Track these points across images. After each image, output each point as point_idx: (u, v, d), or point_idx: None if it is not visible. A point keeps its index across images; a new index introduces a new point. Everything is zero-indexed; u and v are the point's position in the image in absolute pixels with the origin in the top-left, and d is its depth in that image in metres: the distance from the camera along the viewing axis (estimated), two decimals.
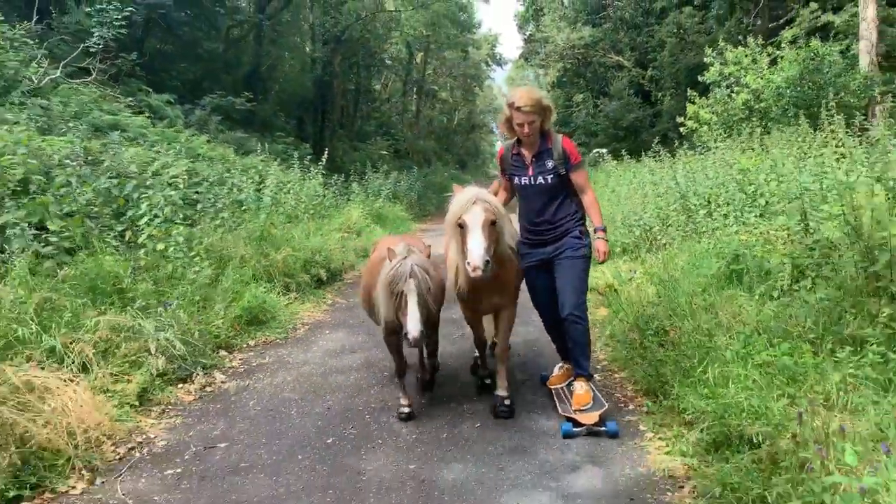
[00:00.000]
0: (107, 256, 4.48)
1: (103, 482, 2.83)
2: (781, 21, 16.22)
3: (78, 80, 10.53)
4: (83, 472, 2.85)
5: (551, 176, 3.35)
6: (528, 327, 4.93)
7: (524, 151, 3.42)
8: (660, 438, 3.13)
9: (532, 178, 3.39)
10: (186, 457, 3.07)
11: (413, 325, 3.03)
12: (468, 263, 2.99)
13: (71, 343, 3.56)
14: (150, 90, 12.46)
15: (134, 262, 4.78)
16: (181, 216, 5.59)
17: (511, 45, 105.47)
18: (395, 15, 20.58)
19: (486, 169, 52.94)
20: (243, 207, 7.59)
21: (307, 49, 19.18)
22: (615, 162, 11.46)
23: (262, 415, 3.58)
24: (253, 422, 3.48)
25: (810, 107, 9.73)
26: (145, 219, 5.30)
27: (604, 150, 16.64)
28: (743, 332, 3.58)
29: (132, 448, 3.15)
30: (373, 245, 4.50)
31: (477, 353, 4.06)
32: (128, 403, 3.47)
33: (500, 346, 3.61)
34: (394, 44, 26.02)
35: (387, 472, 2.87)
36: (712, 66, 12.05)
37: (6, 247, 4.52)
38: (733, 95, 11.20)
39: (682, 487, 2.68)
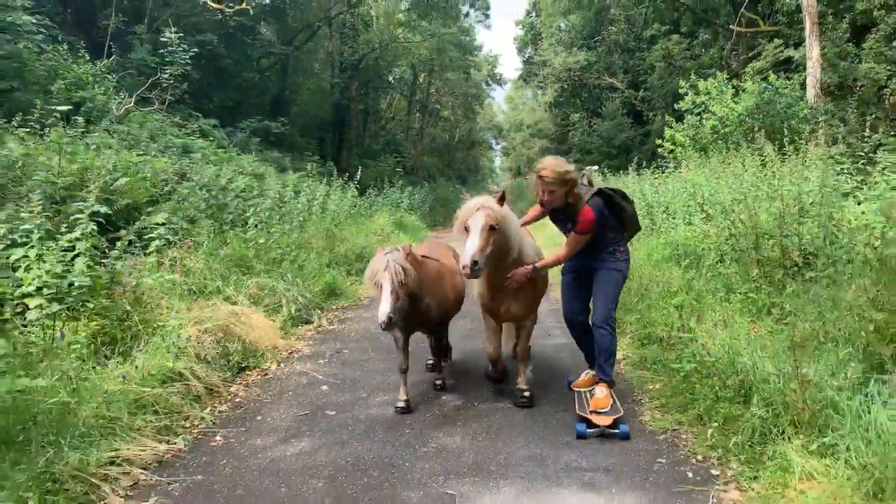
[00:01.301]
0: (241, 244, 6.63)
1: (285, 365, 4.96)
2: (752, 53, 18.59)
3: (146, 109, 12.72)
4: (272, 360, 4.99)
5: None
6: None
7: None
8: None
9: (563, 228, 3.89)
10: (327, 356, 5.21)
11: (382, 310, 3.49)
12: (461, 262, 3.43)
13: (236, 294, 5.69)
14: (200, 115, 14.68)
15: (251, 249, 6.92)
16: (276, 218, 7.74)
17: (510, 64, 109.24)
18: (404, 43, 22.87)
19: (485, 184, 55.39)
20: (300, 216, 9.72)
21: (326, 76, 21.48)
22: (601, 178, 13.66)
23: (362, 339, 5.72)
24: (358, 342, 5.62)
25: (772, 132, 11.96)
26: (252, 220, 7.46)
27: (594, 167, 18.89)
28: (668, 286, 5.76)
29: (291, 353, 5.29)
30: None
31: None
32: (277, 333, 5.60)
33: (521, 348, 4.08)
34: (400, 66, 28.41)
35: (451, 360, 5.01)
36: (686, 95, 14.32)
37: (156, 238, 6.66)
38: (703, 121, 13.45)
39: (619, 362, 4.83)
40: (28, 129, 7.08)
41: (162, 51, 12.32)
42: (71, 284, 4.19)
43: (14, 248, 4.48)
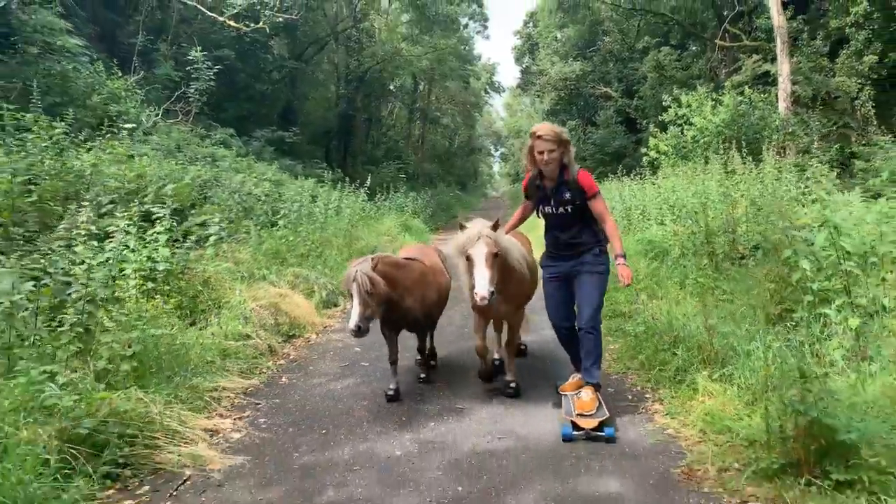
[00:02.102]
0: (279, 239, 7.89)
1: (322, 335, 6.23)
2: (735, 66, 19.95)
3: (171, 121, 13.98)
4: (312, 331, 6.25)
5: (570, 206, 3.82)
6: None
7: (546, 183, 3.89)
8: None
9: (553, 208, 3.88)
10: None
11: (352, 319, 3.82)
12: (476, 294, 3.58)
13: (278, 280, 6.94)
14: (218, 125, 15.94)
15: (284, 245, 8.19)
16: (303, 219, 9.02)
17: (508, 72, 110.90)
18: (407, 56, 24.21)
19: (484, 190, 56.80)
20: (322, 217, 10.99)
21: (332, 87, 22.82)
22: None
23: None
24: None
25: (739, 142, 13.28)
26: (282, 222, 8.73)
27: None
28: (636, 275, 7.02)
29: (325, 327, 6.55)
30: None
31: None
32: (313, 312, 6.86)
33: (509, 340, 4.41)
34: (401, 76, 29.76)
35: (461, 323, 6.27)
36: (670, 108, 15.64)
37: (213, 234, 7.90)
38: (684, 132, 14.75)
39: None
40: (96, 144, 8.31)
41: (188, 68, 13.61)
42: (158, 269, 5.45)
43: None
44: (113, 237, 5.34)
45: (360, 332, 3.85)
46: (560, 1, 26.76)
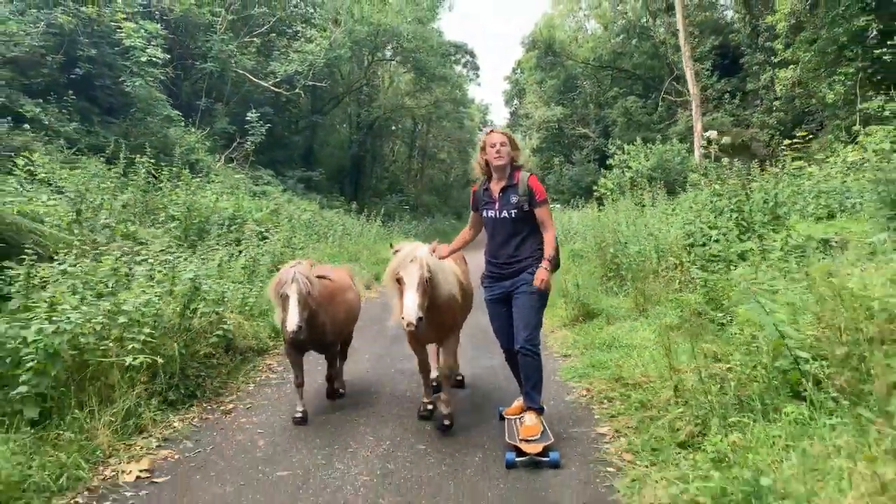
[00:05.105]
0: (332, 248, 12.89)
1: (368, 303, 11.19)
2: (674, 119, 25.32)
3: (229, 165, 19.05)
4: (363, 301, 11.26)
5: (515, 211, 3.92)
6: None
7: (493, 186, 4.07)
8: None
9: (497, 212, 4.00)
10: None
11: (292, 319, 3.90)
12: (402, 319, 3.67)
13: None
14: (261, 167, 21.03)
15: (336, 252, 13.17)
16: (348, 236, 14.05)
17: (500, 110, 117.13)
18: (410, 107, 29.62)
19: None
20: (353, 236, 15.97)
21: (345, 132, 28.16)
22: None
23: None
24: None
25: (664, 182, 18.40)
26: (331, 239, 13.74)
27: (559, 206, 25.43)
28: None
29: (368, 299, 11.51)
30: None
31: (424, 400, 4.61)
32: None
33: (443, 369, 4.39)
34: (403, 120, 35.19)
35: None
36: (615, 154, 20.85)
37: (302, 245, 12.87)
38: (625, 173, 19.91)
39: None
40: (213, 189, 13.32)
41: (245, 126, 18.75)
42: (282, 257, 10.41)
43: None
44: (243, 241, 10.28)
45: (300, 330, 3.99)
46: (538, 59, 32.27)
